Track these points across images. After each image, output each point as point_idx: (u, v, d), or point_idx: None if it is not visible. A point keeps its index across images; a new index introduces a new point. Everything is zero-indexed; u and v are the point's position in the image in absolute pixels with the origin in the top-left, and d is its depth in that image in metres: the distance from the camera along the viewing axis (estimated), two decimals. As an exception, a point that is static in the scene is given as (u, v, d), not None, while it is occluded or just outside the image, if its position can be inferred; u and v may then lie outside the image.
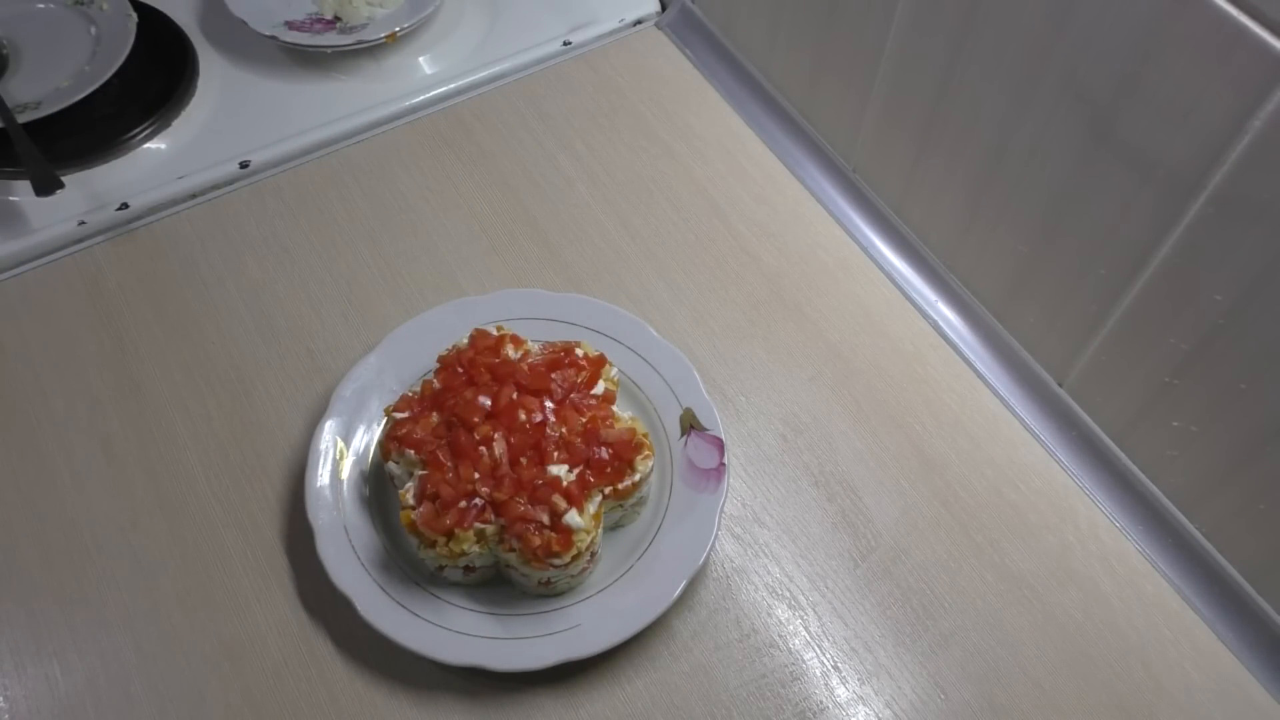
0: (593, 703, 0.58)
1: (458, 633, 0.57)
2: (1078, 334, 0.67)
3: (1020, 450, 0.70)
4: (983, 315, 0.75)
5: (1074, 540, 0.66)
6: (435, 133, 0.85)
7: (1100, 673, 0.61)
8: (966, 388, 0.72)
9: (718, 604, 0.62)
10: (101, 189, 0.77)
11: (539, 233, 0.78)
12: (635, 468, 0.59)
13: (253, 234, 0.77)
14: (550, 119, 0.86)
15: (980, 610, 0.63)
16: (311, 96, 0.85)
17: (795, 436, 0.69)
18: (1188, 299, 0.58)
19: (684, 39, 0.93)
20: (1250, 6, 0.47)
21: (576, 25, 0.92)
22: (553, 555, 0.55)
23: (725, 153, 0.85)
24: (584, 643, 0.57)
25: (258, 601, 0.61)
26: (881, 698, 0.59)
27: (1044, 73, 0.60)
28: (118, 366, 0.70)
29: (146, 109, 0.81)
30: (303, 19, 0.88)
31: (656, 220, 0.80)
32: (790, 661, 0.60)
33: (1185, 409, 0.62)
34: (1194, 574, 0.65)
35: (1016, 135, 0.64)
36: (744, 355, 0.73)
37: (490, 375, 0.60)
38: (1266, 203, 0.51)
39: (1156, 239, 0.58)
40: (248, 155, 0.80)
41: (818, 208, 0.82)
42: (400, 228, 0.78)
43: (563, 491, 0.56)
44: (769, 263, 0.78)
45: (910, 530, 0.65)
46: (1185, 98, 0.52)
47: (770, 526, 0.65)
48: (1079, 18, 0.56)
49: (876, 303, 0.76)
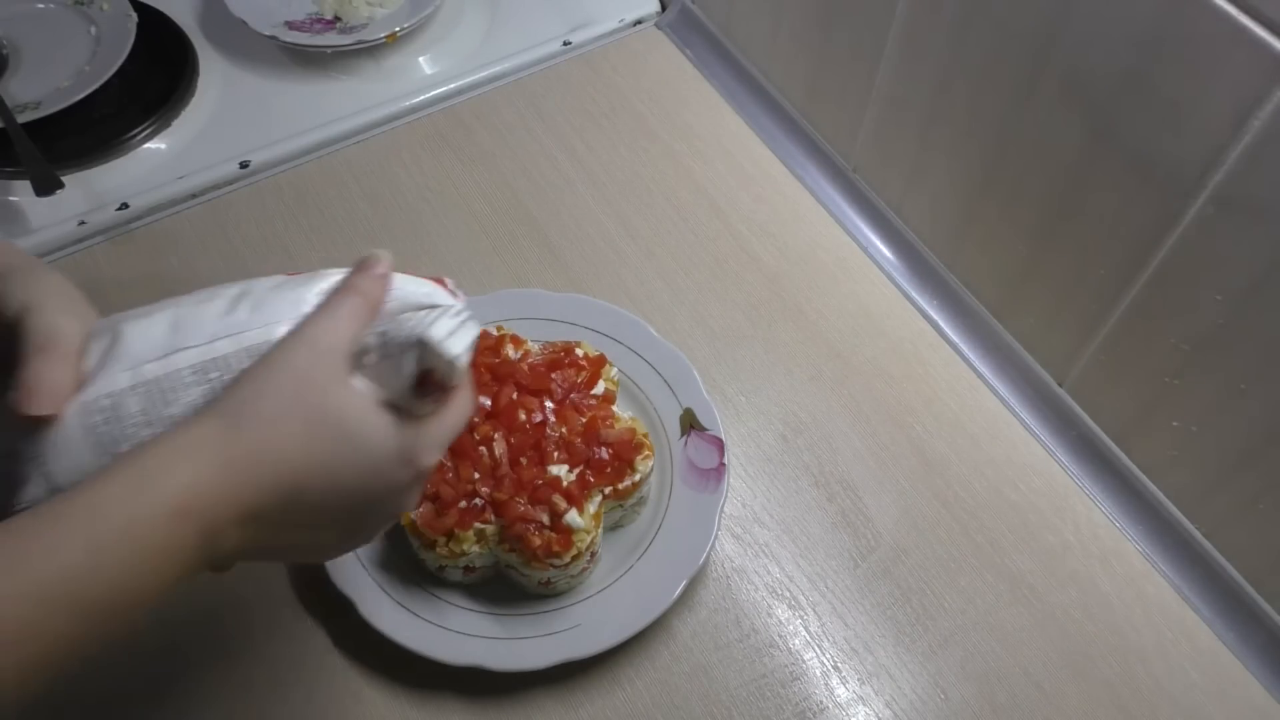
0: (593, 703, 0.58)
1: (458, 633, 0.57)
2: (1078, 334, 0.67)
3: (1020, 450, 0.70)
4: (983, 315, 0.75)
5: (1074, 540, 0.66)
6: (435, 133, 0.85)
7: (1100, 673, 0.61)
8: (966, 388, 0.72)
9: (718, 604, 0.62)
10: (101, 189, 0.77)
11: (539, 233, 0.78)
12: (635, 468, 0.59)
13: (253, 234, 0.77)
14: (550, 119, 0.86)
15: (980, 610, 0.63)
16: (311, 96, 0.85)
17: (795, 436, 0.69)
18: (1188, 299, 0.58)
19: (684, 39, 0.93)
20: (1250, 6, 0.47)
21: (576, 25, 0.92)
22: (553, 555, 0.55)
23: (725, 153, 0.85)
24: (584, 643, 0.57)
25: (257, 602, 0.61)
26: (881, 698, 0.59)
27: (1044, 73, 0.60)
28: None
29: (146, 109, 0.81)
30: (303, 19, 0.88)
31: (656, 220, 0.80)
32: (790, 661, 0.60)
33: (1185, 409, 0.62)
34: (1194, 574, 0.65)
35: (1016, 135, 0.64)
36: (744, 355, 0.73)
37: (490, 375, 0.60)
38: (1266, 203, 0.51)
39: (1156, 239, 0.58)
40: (248, 155, 0.80)
41: (818, 208, 0.82)
42: (400, 228, 0.78)
43: (563, 491, 0.56)
44: (769, 263, 0.78)
45: (910, 530, 0.65)
46: (1185, 98, 0.52)
47: (770, 526, 0.65)
48: (1079, 17, 0.56)
49: (876, 303, 0.76)
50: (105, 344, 0.40)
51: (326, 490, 0.38)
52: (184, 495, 0.34)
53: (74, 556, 0.32)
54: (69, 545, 0.33)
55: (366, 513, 0.41)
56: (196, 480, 0.35)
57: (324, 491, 0.38)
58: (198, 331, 0.40)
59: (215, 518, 0.35)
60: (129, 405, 0.38)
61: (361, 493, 0.39)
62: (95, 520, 0.33)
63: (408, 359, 0.40)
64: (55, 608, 0.32)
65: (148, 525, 0.34)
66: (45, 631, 0.32)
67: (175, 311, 0.41)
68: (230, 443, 0.36)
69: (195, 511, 0.35)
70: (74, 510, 0.34)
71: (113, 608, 0.34)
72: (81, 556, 0.33)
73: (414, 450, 0.40)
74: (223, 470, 0.35)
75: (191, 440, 0.36)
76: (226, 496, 0.35)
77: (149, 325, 0.40)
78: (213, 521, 0.35)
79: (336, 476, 0.38)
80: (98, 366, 0.39)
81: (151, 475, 0.35)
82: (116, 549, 0.33)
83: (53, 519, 0.33)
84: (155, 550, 0.34)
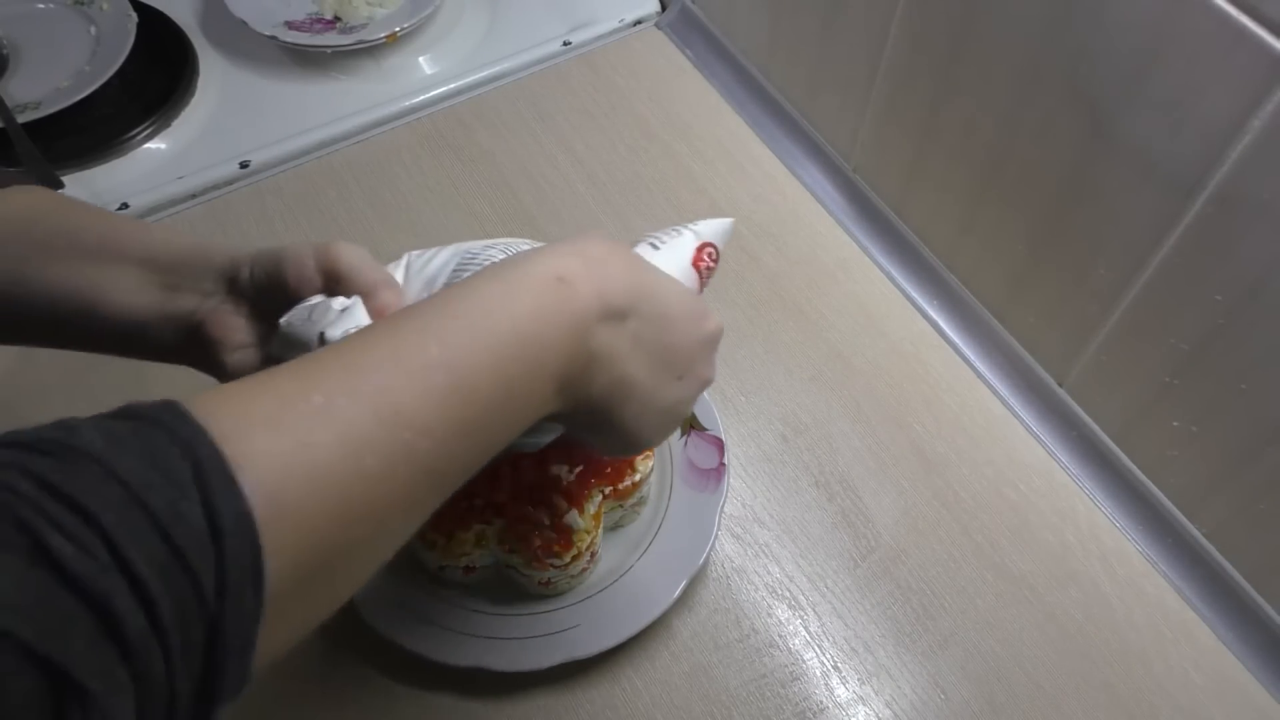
0: (593, 703, 0.58)
1: (458, 633, 0.57)
2: (1078, 334, 0.67)
3: (1020, 450, 0.70)
4: (983, 315, 0.75)
5: (1074, 540, 0.66)
6: (435, 133, 0.85)
7: (1100, 673, 0.61)
8: (966, 388, 0.72)
9: (718, 604, 0.62)
10: (101, 189, 0.77)
11: (539, 233, 0.78)
12: (635, 468, 0.59)
13: (253, 234, 0.77)
14: (550, 119, 0.86)
15: (980, 610, 0.63)
16: (311, 96, 0.85)
17: (795, 436, 0.69)
18: (1188, 299, 0.58)
19: (684, 39, 0.93)
20: (1250, 6, 0.47)
21: (576, 25, 0.92)
22: (553, 556, 0.55)
23: (725, 153, 0.85)
24: (584, 643, 0.57)
25: (258, 601, 0.61)
26: (881, 698, 0.59)
27: (1044, 73, 0.60)
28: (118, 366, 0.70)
29: (146, 109, 0.81)
30: (303, 19, 0.88)
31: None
32: (790, 661, 0.60)
33: (1185, 409, 0.62)
34: (1194, 574, 0.65)
35: (1016, 135, 0.64)
36: (744, 355, 0.73)
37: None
38: (1266, 203, 0.51)
39: (1156, 239, 0.58)
40: (248, 155, 0.80)
41: (818, 208, 0.82)
42: (400, 227, 0.78)
43: (563, 492, 0.56)
44: (769, 263, 0.78)
45: (910, 530, 0.65)
46: (1185, 98, 0.52)
47: (770, 526, 0.65)
48: (1079, 18, 0.56)
49: (876, 303, 0.76)
50: (403, 271, 0.46)
51: (662, 302, 0.41)
52: (558, 266, 0.38)
53: (492, 299, 0.36)
54: (488, 291, 0.36)
55: (689, 353, 0.43)
56: (564, 264, 0.38)
57: (662, 302, 0.41)
58: (473, 246, 0.48)
59: (584, 300, 0.38)
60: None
61: (685, 319, 0.43)
62: (493, 279, 0.37)
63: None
64: (485, 345, 0.35)
65: (538, 280, 0.37)
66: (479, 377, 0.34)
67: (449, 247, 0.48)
68: (579, 250, 0.39)
69: (569, 278, 0.37)
70: (475, 281, 0.37)
71: (511, 374, 0.35)
72: (499, 299, 0.36)
73: (704, 309, 0.45)
74: (582, 261, 0.39)
75: (547, 250, 0.39)
76: (591, 279, 0.38)
77: (433, 253, 0.47)
78: (584, 305, 0.38)
79: (666, 292, 0.42)
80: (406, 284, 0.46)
81: (526, 260, 0.38)
82: (520, 295, 0.36)
83: (468, 286, 0.37)
84: (544, 313, 0.36)
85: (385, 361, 0.32)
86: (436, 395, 0.33)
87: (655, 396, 0.42)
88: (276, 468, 0.28)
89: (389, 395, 0.32)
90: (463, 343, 0.34)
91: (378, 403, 0.31)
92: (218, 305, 0.44)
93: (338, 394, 0.31)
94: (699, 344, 0.44)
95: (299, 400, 0.30)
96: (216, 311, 0.44)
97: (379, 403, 0.31)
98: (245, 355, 0.44)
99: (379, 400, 0.31)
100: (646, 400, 0.42)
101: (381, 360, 0.32)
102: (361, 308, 0.42)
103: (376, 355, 0.33)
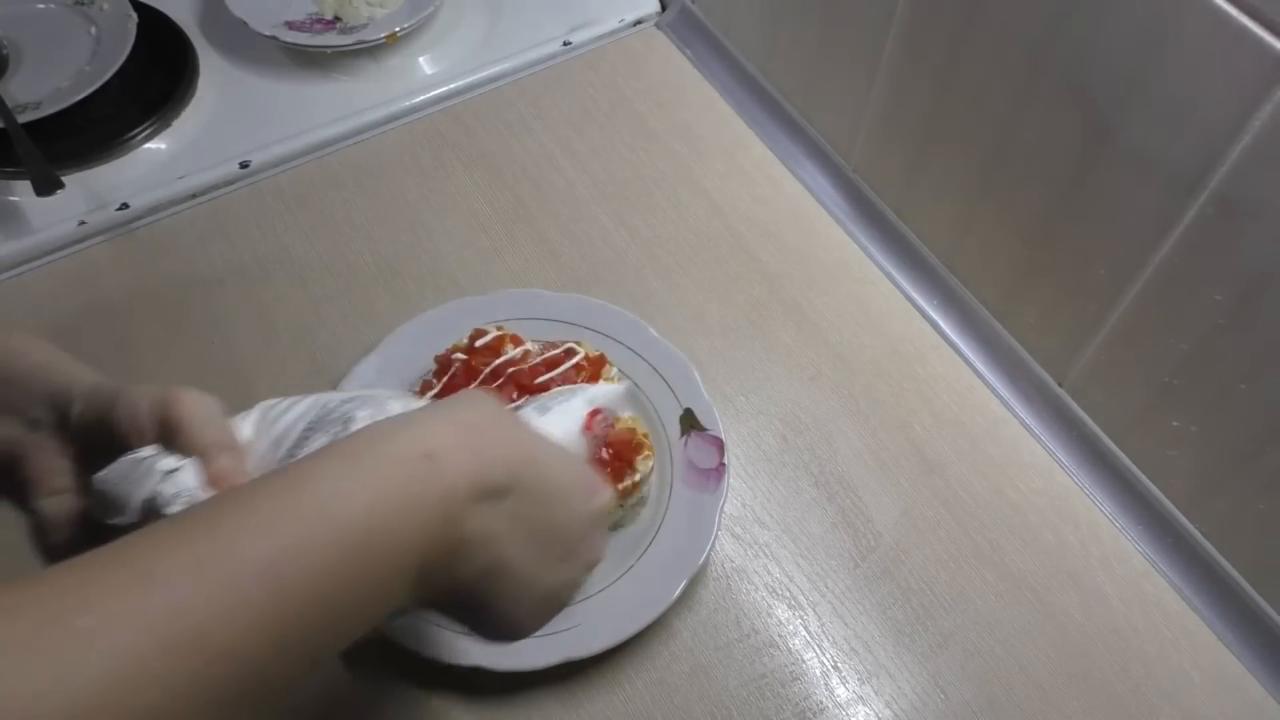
0: (593, 703, 0.58)
1: (458, 633, 0.57)
2: (1078, 334, 0.67)
3: (1020, 450, 0.70)
4: (983, 315, 0.75)
5: (1074, 540, 0.66)
6: (435, 133, 0.85)
7: (1100, 673, 0.61)
8: (966, 388, 0.72)
9: (718, 604, 0.62)
10: (101, 189, 0.77)
11: (539, 233, 0.78)
12: (635, 468, 0.59)
13: (253, 234, 0.77)
14: (550, 119, 0.86)
15: (980, 610, 0.63)
16: (311, 96, 0.85)
17: (795, 436, 0.69)
18: (1188, 299, 0.58)
19: (684, 39, 0.93)
20: (1250, 6, 0.47)
21: (576, 25, 0.92)
22: (553, 555, 0.55)
23: (725, 153, 0.85)
24: (584, 643, 0.57)
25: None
26: (881, 698, 0.59)
27: (1044, 73, 0.60)
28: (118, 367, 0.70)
29: (146, 109, 0.81)
30: (303, 19, 0.88)
31: (656, 220, 0.80)
32: (790, 661, 0.60)
33: (1185, 409, 0.62)
34: (1194, 574, 0.65)
35: (1016, 135, 0.64)
36: (744, 355, 0.73)
37: (490, 375, 0.60)
38: (1266, 203, 0.51)
39: (1156, 239, 0.58)
40: (248, 155, 0.80)
41: (818, 208, 0.82)
42: (400, 227, 0.78)
43: (563, 491, 0.56)
44: (769, 263, 0.78)
45: (910, 530, 0.65)
46: (1185, 98, 0.52)
47: (770, 526, 0.65)
48: (1079, 18, 0.56)
49: (876, 303, 0.76)
50: (254, 423, 0.41)
51: (546, 476, 0.38)
52: (426, 438, 0.34)
53: (336, 483, 0.32)
54: (331, 471, 0.32)
55: (575, 532, 0.40)
56: (433, 436, 0.34)
57: (546, 476, 0.38)
58: (332, 398, 0.42)
59: (454, 479, 0.34)
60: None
61: (572, 495, 0.39)
62: (339, 457, 0.33)
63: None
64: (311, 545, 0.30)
65: (398, 458, 0.33)
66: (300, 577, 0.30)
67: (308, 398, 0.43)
68: (452, 418, 0.36)
69: (437, 454, 0.34)
70: (321, 458, 0.33)
71: (351, 575, 0.31)
72: (344, 483, 0.32)
73: (594, 482, 0.41)
74: (455, 431, 0.35)
75: (416, 419, 0.36)
76: (465, 452, 0.34)
77: (289, 404, 0.42)
78: (453, 485, 0.34)
79: (551, 464, 0.39)
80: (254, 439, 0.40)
81: (387, 432, 0.34)
82: (370, 479, 0.32)
83: (313, 464, 0.33)
84: (402, 499, 0.32)
85: (188, 570, 0.28)
86: (248, 613, 0.28)
87: (535, 581, 0.38)
88: (16, 710, 0.24)
89: (186, 617, 0.27)
90: (290, 542, 0.29)
91: (171, 627, 0.26)
92: (43, 440, 0.39)
93: (119, 615, 0.26)
94: (586, 521, 0.40)
95: (65, 620, 0.26)
96: (39, 447, 0.39)
97: (173, 627, 0.27)
98: (60, 502, 0.39)
99: (174, 624, 0.27)
100: (524, 585, 0.38)
101: (183, 567, 0.28)
102: (192, 471, 0.37)
103: (179, 559, 0.28)
